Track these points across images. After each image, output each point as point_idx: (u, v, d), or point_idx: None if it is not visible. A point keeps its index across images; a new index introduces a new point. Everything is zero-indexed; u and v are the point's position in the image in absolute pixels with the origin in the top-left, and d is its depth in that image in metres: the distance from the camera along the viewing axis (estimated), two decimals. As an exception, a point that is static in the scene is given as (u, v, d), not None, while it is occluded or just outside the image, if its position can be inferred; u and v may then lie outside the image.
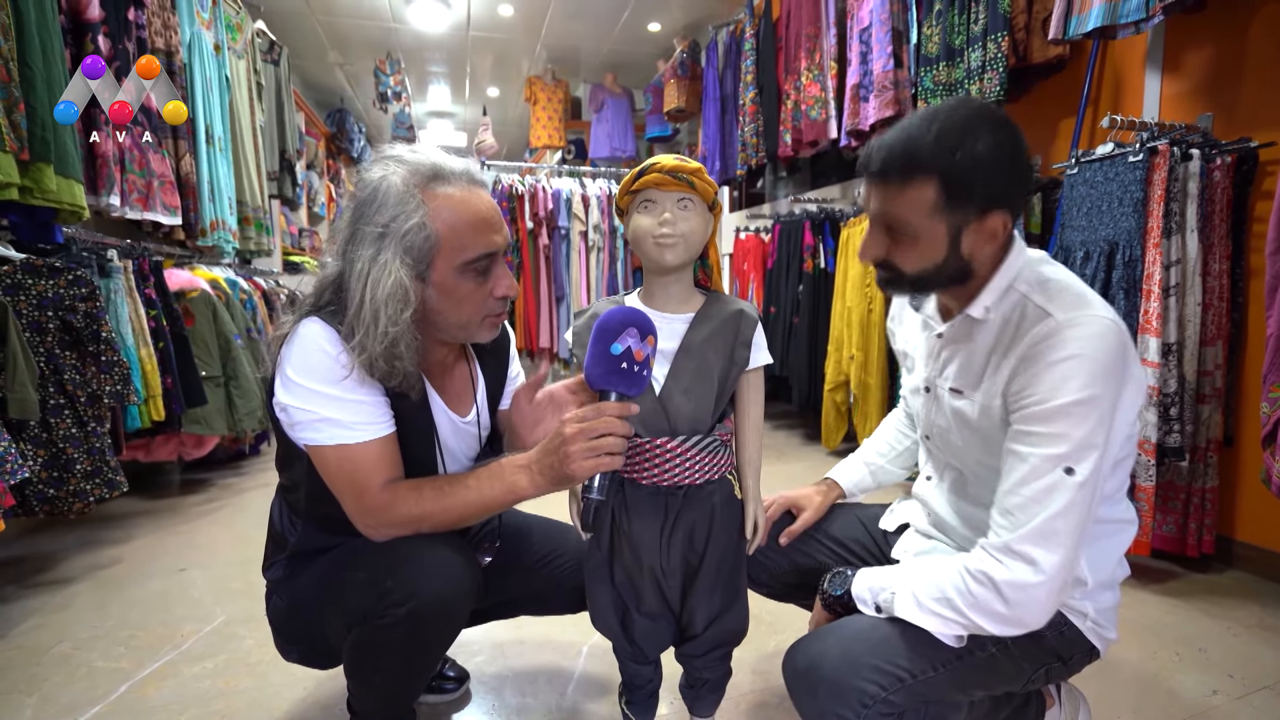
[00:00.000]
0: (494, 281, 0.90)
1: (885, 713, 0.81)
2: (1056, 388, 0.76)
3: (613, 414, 0.80)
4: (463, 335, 0.93)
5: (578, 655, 1.44)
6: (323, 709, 1.25)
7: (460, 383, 1.03)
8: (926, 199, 0.79)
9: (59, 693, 1.32)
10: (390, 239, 0.83)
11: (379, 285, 0.81)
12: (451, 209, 0.86)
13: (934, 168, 0.78)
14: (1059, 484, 0.75)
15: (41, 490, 1.70)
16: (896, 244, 0.85)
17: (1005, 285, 0.86)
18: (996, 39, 2.18)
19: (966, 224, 0.81)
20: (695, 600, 0.98)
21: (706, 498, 0.95)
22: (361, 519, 0.87)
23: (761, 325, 1.01)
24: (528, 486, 0.85)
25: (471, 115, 7.02)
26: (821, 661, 0.84)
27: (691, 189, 0.90)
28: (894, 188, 0.81)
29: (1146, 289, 1.71)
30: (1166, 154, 1.70)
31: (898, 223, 0.83)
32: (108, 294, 2.07)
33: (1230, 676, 1.36)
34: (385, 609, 0.82)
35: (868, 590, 0.89)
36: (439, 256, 0.85)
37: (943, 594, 0.80)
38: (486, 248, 0.87)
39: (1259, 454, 1.65)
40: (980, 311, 0.87)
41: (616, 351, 0.80)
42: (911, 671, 0.82)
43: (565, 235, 3.94)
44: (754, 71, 3.62)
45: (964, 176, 0.78)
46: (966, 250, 0.83)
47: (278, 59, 4.00)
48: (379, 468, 0.86)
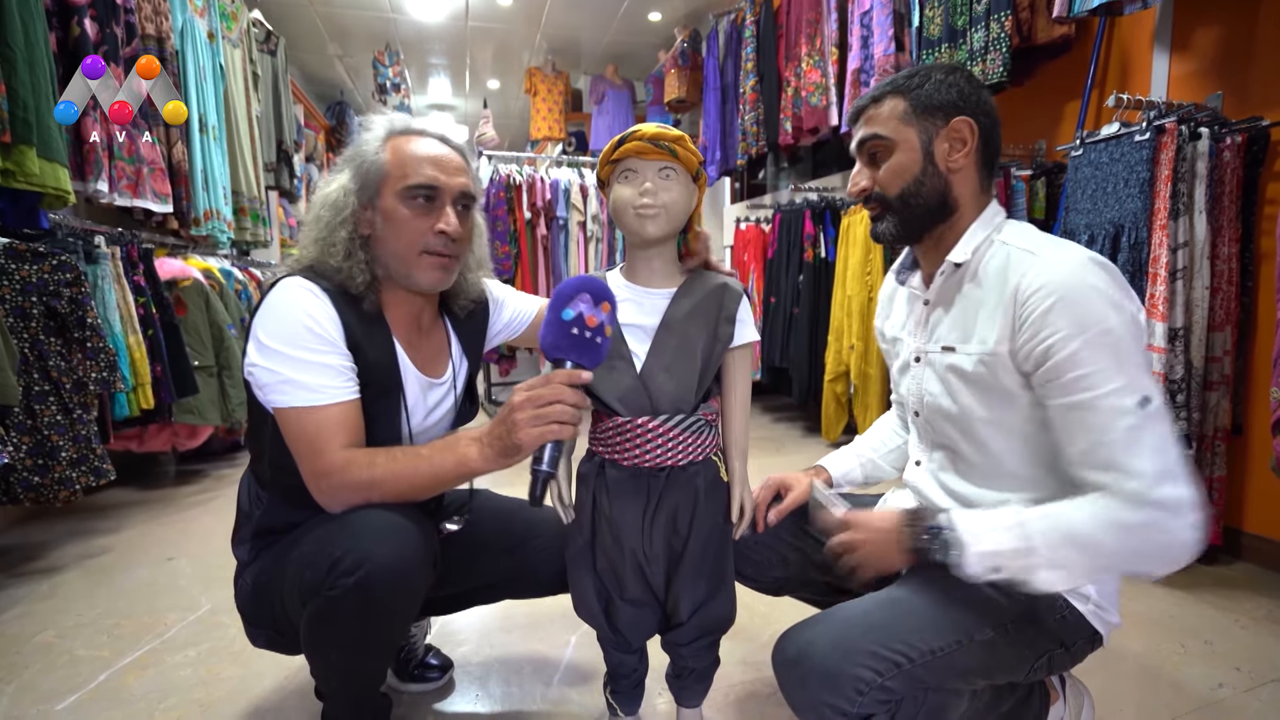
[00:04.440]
0: (436, 217, 0.93)
1: (881, 699, 0.77)
2: (1072, 326, 0.75)
3: (561, 382, 0.78)
4: (404, 270, 0.94)
5: (565, 645, 1.41)
6: (302, 696, 1.22)
7: (434, 344, 1.04)
8: (898, 108, 0.90)
9: (38, 681, 1.30)
10: (349, 165, 0.95)
11: (325, 197, 0.93)
12: (405, 147, 0.94)
13: (902, 89, 0.90)
14: (1144, 418, 0.74)
15: (26, 478, 1.68)
16: (878, 165, 0.92)
17: (985, 234, 0.89)
18: (1000, 18, 2.13)
19: (935, 129, 0.89)
20: (680, 586, 0.94)
21: (690, 480, 0.91)
22: (315, 483, 0.87)
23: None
24: (477, 459, 0.85)
25: (472, 108, 6.98)
26: (812, 650, 0.80)
27: (674, 158, 0.86)
28: (870, 111, 0.92)
29: (1153, 272, 1.66)
30: (1174, 133, 1.65)
31: (875, 137, 0.91)
32: (95, 280, 2.05)
33: (1237, 669, 1.31)
34: (335, 580, 0.80)
35: (982, 558, 0.78)
36: (385, 184, 0.92)
37: (1101, 555, 0.75)
38: (429, 180, 0.92)
39: (1268, 443, 1.60)
40: (962, 255, 0.89)
41: (568, 317, 0.77)
42: (908, 655, 0.78)
43: (564, 226, 3.90)
44: (754, 59, 3.57)
45: (926, 91, 0.89)
46: (939, 159, 0.89)
47: (274, 49, 3.97)
48: (339, 431, 0.87)
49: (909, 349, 1.00)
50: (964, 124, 0.88)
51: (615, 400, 0.90)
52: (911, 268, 1.02)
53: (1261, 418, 1.75)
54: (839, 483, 1.14)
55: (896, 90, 0.90)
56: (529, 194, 3.82)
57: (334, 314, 0.89)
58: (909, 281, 1.01)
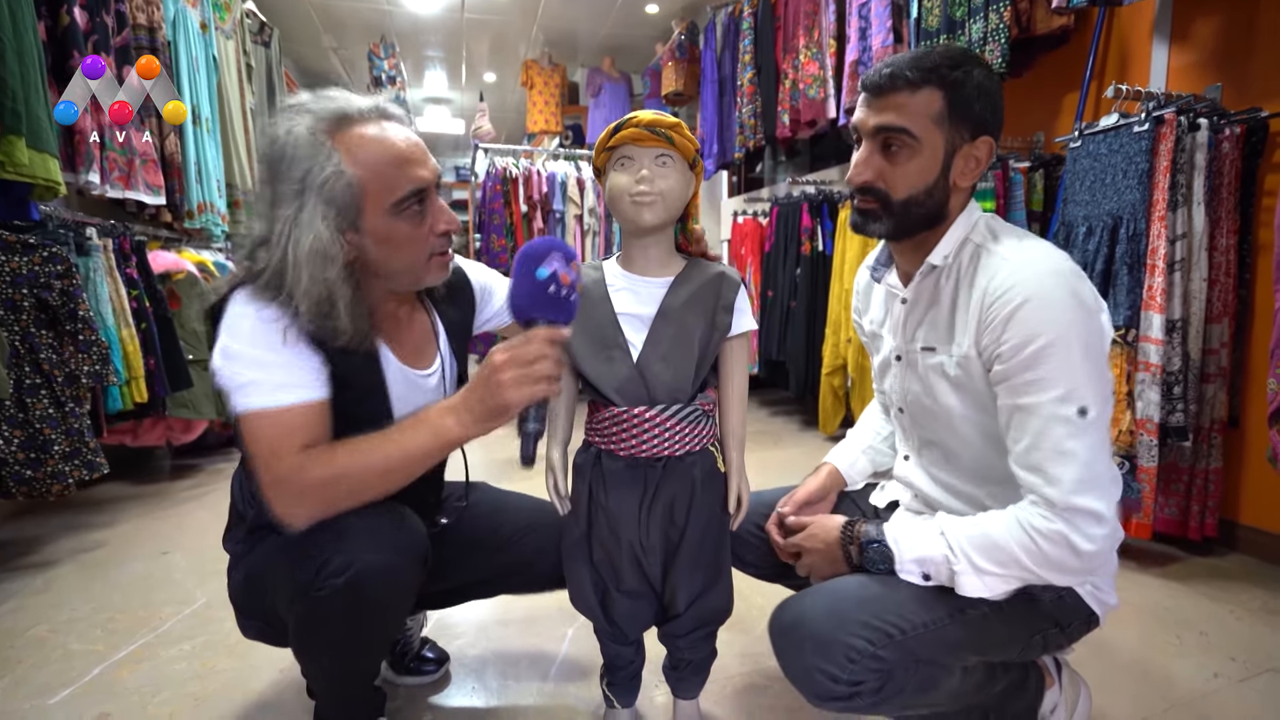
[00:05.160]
0: (432, 218, 0.85)
1: (874, 669, 0.78)
2: (1031, 330, 0.76)
3: (543, 339, 0.76)
4: (411, 281, 0.89)
5: (562, 638, 1.41)
6: (297, 690, 1.22)
7: (418, 334, 0.98)
8: (934, 105, 0.82)
9: (32, 675, 1.30)
10: (309, 194, 0.78)
11: (299, 245, 0.78)
12: (366, 149, 0.80)
13: (942, 79, 0.82)
14: (1079, 428, 0.75)
15: (18, 471, 1.67)
16: (893, 160, 0.85)
17: (962, 236, 0.88)
18: (999, 9, 2.11)
19: (960, 143, 0.84)
20: (676, 577, 0.94)
21: (687, 470, 0.91)
22: (273, 491, 0.78)
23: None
24: (455, 427, 0.78)
25: (469, 101, 6.95)
26: (807, 617, 0.82)
27: (671, 145, 0.85)
28: (902, 96, 0.83)
29: (1150, 264, 1.66)
30: (1173, 124, 1.64)
31: (902, 131, 0.83)
32: (86, 273, 2.03)
33: (1232, 660, 1.32)
34: (323, 580, 0.78)
35: (914, 564, 0.84)
36: (366, 202, 0.80)
37: (1009, 556, 0.78)
38: (414, 183, 0.82)
39: (1264, 435, 1.60)
40: (940, 259, 0.88)
41: (543, 275, 0.75)
42: (901, 627, 0.80)
43: (560, 219, 3.88)
44: (752, 51, 3.55)
45: (966, 94, 0.82)
46: (953, 174, 0.85)
47: (269, 41, 3.93)
48: (296, 433, 0.79)
49: (889, 347, 1.00)
50: (986, 145, 0.85)
51: (612, 390, 0.89)
52: (887, 264, 1.01)
53: (1258, 410, 1.75)
54: (851, 479, 1.14)
55: (939, 80, 0.82)
56: (525, 187, 3.80)
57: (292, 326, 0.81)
58: (885, 279, 1.00)
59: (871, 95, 0.86)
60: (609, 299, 0.91)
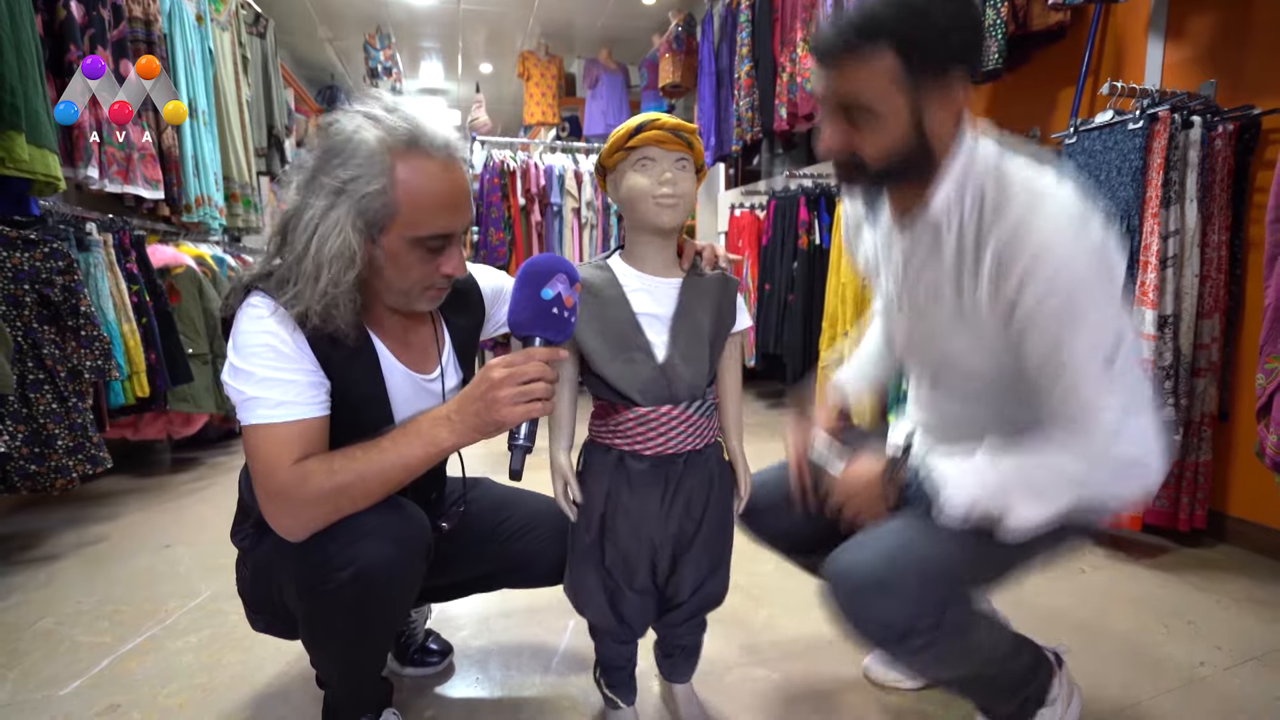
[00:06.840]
0: (444, 259, 0.87)
1: (930, 606, 0.81)
2: (1050, 279, 0.75)
3: (541, 359, 0.78)
4: (400, 301, 0.90)
5: (563, 630, 1.43)
6: (305, 681, 1.24)
7: (423, 339, 0.99)
8: (890, 68, 0.76)
9: (40, 667, 1.31)
10: (346, 198, 0.80)
11: (326, 242, 0.79)
12: (417, 182, 0.82)
13: (893, 34, 0.75)
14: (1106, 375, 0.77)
15: (23, 466, 1.68)
16: (859, 129, 0.81)
17: (959, 179, 0.83)
18: (995, 4, 2.12)
19: (927, 91, 0.78)
20: (685, 567, 0.96)
21: (704, 463, 0.94)
22: (272, 505, 0.81)
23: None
24: (449, 439, 0.81)
25: (465, 93, 6.90)
26: (859, 562, 0.85)
27: (690, 149, 0.88)
28: (853, 63, 0.77)
29: (1144, 260, 1.68)
30: (1167, 121, 1.66)
31: (856, 103, 0.79)
32: (87, 268, 2.03)
33: (1218, 648, 1.35)
34: (329, 574, 0.80)
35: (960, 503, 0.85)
36: (393, 225, 0.82)
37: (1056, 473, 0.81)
38: (444, 229, 0.85)
39: (1253, 428, 1.63)
40: (938, 209, 0.84)
41: (548, 296, 0.77)
42: (949, 560, 0.84)
43: (558, 212, 3.88)
44: (749, 44, 3.55)
45: (923, 43, 0.75)
46: (929, 127, 0.80)
47: (264, 32, 3.91)
48: (294, 446, 0.81)
49: (888, 287, 0.99)
50: (959, 81, 0.79)
51: (636, 392, 0.89)
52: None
53: (1247, 404, 1.78)
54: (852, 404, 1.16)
55: (889, 35, 0.75)
56: (523, 180, 3.80)
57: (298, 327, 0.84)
58: (879, 220, 0.98)
59: (822, 63, 0.80)
60: (626, 300, 0.90)
